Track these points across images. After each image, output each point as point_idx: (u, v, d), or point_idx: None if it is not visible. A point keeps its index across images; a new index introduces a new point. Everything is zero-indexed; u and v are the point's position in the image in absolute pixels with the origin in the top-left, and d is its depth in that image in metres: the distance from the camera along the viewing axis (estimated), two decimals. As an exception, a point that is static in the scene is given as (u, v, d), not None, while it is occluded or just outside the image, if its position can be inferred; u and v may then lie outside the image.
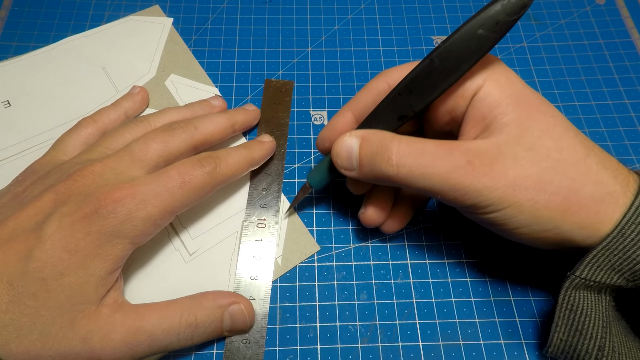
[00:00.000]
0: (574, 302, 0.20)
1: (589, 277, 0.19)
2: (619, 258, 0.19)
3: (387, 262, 0.27)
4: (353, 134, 0.22)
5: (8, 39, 0.34)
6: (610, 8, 0.37)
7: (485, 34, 0.19)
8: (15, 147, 0.29)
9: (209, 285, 0.25)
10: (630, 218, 0.19)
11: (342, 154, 0.22)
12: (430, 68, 0.20)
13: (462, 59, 0.19)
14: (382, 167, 0.20)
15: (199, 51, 0.34)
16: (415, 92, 0.21)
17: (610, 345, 0.20)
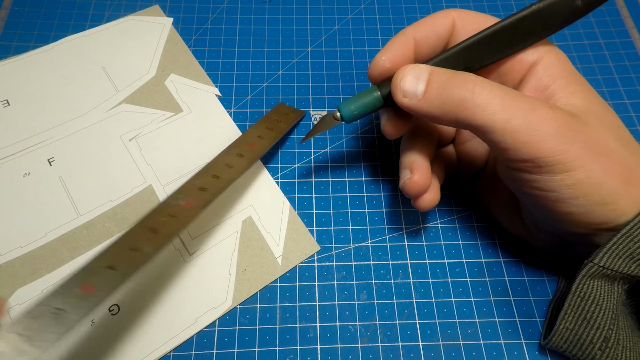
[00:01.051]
0: (588, 290, 0.20)
1: (607, 264, 0.19)
2: None
3: (387, 262, 0.27)
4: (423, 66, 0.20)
5: (8, 39, 0.34)
6: (610, 8, 0.37)
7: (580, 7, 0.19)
8: (14, 147, 0.29)
9: (208, 285, 0.25)
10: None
11: (407, 77, 0.20)
12: (516, 26, 0.20)
13: (549, 25, 0.19)
14: (456, 89, 0.19)
15: (199, 51, 0.34)
16: (492, 46, 0.20)
17: (616, 338, 0.19)
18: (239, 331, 0.24)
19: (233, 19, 0.36)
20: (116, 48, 0.33)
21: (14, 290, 0.25)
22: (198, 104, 0.31)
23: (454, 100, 0.19)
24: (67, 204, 0.27)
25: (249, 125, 0.31)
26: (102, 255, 0.19)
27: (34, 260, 0.25)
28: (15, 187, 0.27)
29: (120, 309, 0.24)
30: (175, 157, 0.29)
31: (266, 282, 0.26)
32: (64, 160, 0.29)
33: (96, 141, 0.29)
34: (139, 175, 0.28)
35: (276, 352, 0.24)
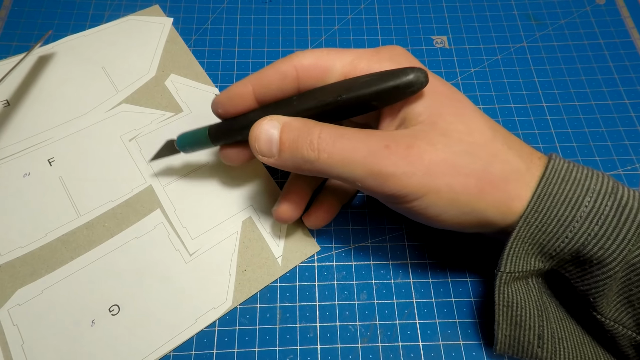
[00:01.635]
0: (509, 297, 0.21)
1: (512, 269, 0.20)
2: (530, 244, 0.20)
3: (387, 262, 0.27)
4: (274, 119, 0.21)
5: (8, 39, 0.34)
6: (610, 8, 0.37)
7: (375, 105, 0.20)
8: (14, 147, 0.29)
9: (209, 285, 0.25)
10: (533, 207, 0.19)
11: (261, 138, 0.21)
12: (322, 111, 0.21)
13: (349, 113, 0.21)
14: (303, 151, 0.20)
15: (199, 51, 0.34)
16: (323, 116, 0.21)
17: (549, 332, 0.21)
18: (239, 331, 0.24)
19: (233, 19, 0.36)
20: (116, 48, 0.33)
21: (14, 290, 0.25)
22: (198, 104, 0.31)
23: (304, 161, 0.20)
24: (67, 204, 0.27)
25: (249, 125, 0.31)
26: None
27: (34, 260, 0.26)
28: (15, 187, 0.27)
29: (120, 309, 0.24)
30: (175, 157, 0.29)
31: (266, 282, 0.26)
32: (64, 160, 0.29)
33: (96, 141, 0.29)
34: (139, 175, 0.28)
35: (276, 352, 0.24)
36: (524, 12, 0.37)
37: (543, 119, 0.32)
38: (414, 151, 0.19)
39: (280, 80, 0.22)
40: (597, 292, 0.19)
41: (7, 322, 0.24)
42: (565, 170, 0.20)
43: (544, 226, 0.19)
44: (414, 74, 0.19)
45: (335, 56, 0.21)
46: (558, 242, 0.19)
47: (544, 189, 0.19)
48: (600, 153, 0.30)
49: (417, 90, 0.19)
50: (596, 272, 0.19)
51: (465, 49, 0.35)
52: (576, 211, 0.19)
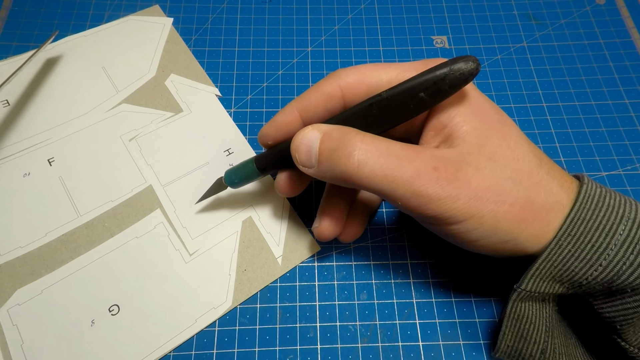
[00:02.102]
0: (521, 312, 0.21)
1: (533, 288, 0.20)
2: (559, 270, 0.19)
3: (387, 262, 0.27)
4: (315, 127, 0.20)
5: (8, 39, 0.34)
6: (610, 8, 0.37)
7: (425, 98, 0.19)
8: (14, 147, 0.29)
9: (209, 285, 0.25)
10: (566, 231, 0.19)
11: (301, 148, 0.20)
12: (367, 112, 0.20)
13: (398, 114, 0.19)
14: (342, 163, 0.19)
15: (199, 51, 0.34)
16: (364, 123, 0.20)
17: (552, 348, 0.21)
18: (239, 331, 0.24)
19: (233, 19, 0.36)
20: (116, 48, 0.33)
21: (14, 290, 0.25)
22: (198, 104, 0.31)
23: (342, 174, 0.19)
24: (67, 204, 0.27)
25: (248, 126, 0.31)
26: None
27: (34, 260, 0.25)
28: (15, 187, 0.27)
29: (120, 309, 0.24)
30: (175, 157, 0.29)
31: (266, 282, 0.26)
32: (64, 160, 0.29)
33: (96, 141, 0.29)
34: (139, 175, 0.28)
35: (276, 352, 0.24)
36: (524, 12, 0.37)
37: (543, 119, 0.32)
38: (461, 176, 0.19)
39: (325, 101, 0.21)
40: (625, 320, 0.19)
41: (7, 322, 0.24)
42: (598, 197, 0.19)
43: (576, 252, 0.19)
44: (464, 62, 0.18)
45: (381, 70, 0.21)
46: (591, 270, 0.19)
47: (577, 214, 0.19)
48: (600, 153, 0.30)
49: (467, 80, 0.18)
50: (627, 300, 0.19)
51: (465, 49, 0.35)
52: (610, 238, 0.18)
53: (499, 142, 0.19)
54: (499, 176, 0.19)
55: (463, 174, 0.19)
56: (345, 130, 0.20)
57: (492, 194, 0.19)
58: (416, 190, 0.18)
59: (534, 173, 0.19)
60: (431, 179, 0.18)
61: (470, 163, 0.19)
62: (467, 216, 0.19)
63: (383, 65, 0.21)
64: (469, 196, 0.19)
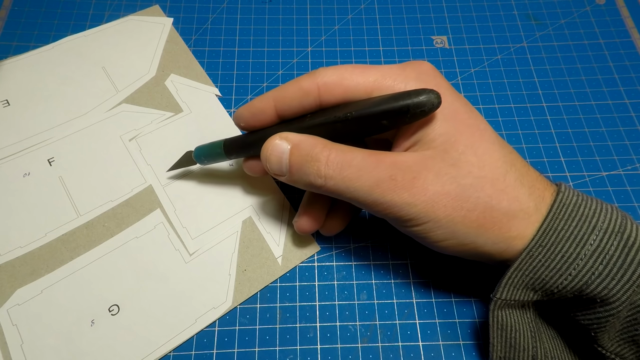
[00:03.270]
0: (503, 321, 0.21)
1: (508, 297, 0.20)
2: (531, 278, 0.20)
3: (387, 262, 0.27)
4: (284, 138, 0.21)
5: (8, 39, 0.34)
6: (610, 8, 0.37)
7: (387, 124, 0.19)
8: (14, 147, 0.29)
9: (209, 285, 0.25)
10: (538, 241, 0.19)
11: (272, 159, 0.21)
12: (332, 127, 0.21)
13: (361, 132, 0.21)
14: (310, 177, 0.20)
15: (199, 51, 0.34)
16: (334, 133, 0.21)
17: (542, 353, 0.21)
18: (239, 331, 0.24)
19: (233, 19, 0.36)
20: (116, 48, 0.33)
21: (14, 290, 0.25)
22: (198, 104, 0.31)
23: (312, 185, 0.21)
24: (67, 204, 0.27)
25: (249, 125, 0.31)
26: None
27: (34, 260, 0.25)
28: (15, 187, 0.27)
29: (120, 309, 0.24)
30: (175, 157, 0.29)
31: (266, 282, 0.26)
32: (64, 160, 0.29)
33: (96, 141, 0.29)
34: (139, 175, 0.28)
35: (276, 352, 0.24)
36: (524, 12, 0.37)
37: (543, 119, 0.32)
38: (418, 183, 0.19)
39: (301, 97, 0.22)
40: (598, 328, 0.19)
41: (7, 322, 0.24)
42: (573, 205, 0.19)
43: (547, 261, 0.19)
44: (426, 95, 0.18)
45: (360, 74, 0.21)
46: (561, 279, 0.19)
47: (550, 224, 0.19)
48: (600, 153, 0.30)
49: (428, 113, 0.19)
50: (599, 310, 0.19)
51: (465, 49, 0.35)
52: (581, 249, 0.19)
53: (464, 149, 0.20)
54: (459, 182, 0.19)
55: (421, 180, 0.19)
56: (312, 142, 0.20)
57: (449, 199, 0.19)
58: (375, 199, 0.20)
59: (499, 180, 0.20)
60: (388, 188, 0.19)
61: (431, 169, 0.19)
62: (424, 219, 0.20)
63: (364, 68, 0.21)
64: (426, 202, 0.19)
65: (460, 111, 0.20)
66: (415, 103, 0.18)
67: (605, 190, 0.29)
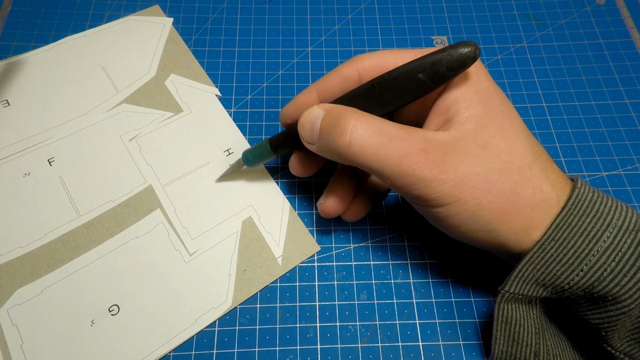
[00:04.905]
0: (508, 314, 0.21)
1: (516, 291, 0.20)
2: (542, 273, 0.19)
3: (387, 262, 0.27)
4: (320, 106, 0.21)
5: (8, 39, 0.34)
6: (610, 8, 0.37)
7: (424, 80, 0.19)
8: (14, 147, 0.29)
9: (209, 285, 0.25)
10: (551, 235, 0.19)
11: (306, 125, 0.21)
12: (369, 93, 0.20)
13: (398, 95, 0.20)
14: (335, 139, 0.20)
15: (199, 51, 0.34)
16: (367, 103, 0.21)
17: (545, 350, 0.21)
18: (239, 331, 0.24)
19: (233, 19, 0.36)
20: (116, 48, 0.33)
21: (14, 290, 0.25)
22: (198, 104, 0.31)
23: (335, 150, 0.20)
24: (67, 204, 0.27)
25: (248, 126, 0.31)
26: None
27: (34, 260, 0.25)
28: (15, 187, 0.27)
29: (120, 309, 0.24)
30: (175, 157, 0.29)
31: (266, 283, 0.26)
32: (64, 160, 0.29)
33: (96, 141, 0.29)
34: (139, 175, 0.28)
35: (276, 352, 0.24)
36: (524, 12, 0.37)
37: (543, 119, 0.32)
38: (449, 160, 0.19)
39: (342, 83, 0.22)
40: (609, 327, 0.19)
41: (7, 322, 0.24)
42: (588, 202, 0.19)
43: (559, 256, 0.19)
44: (463, 48, 0.18)
45: (398, 55, 0.21)
46: (572, 275, 0.19)
47: (564, 219, 0.19)
48: (600, 153, 0.30)
49: (466, 63, 0.18)
50: (610, 308, 0.19)
51: (465, 49, 0.35)
52: (594, 245, 0.19)
53: (495, 133, 0.20)
54: (489, 165, 0.19)
55: (452, 158, 0.19)
56: (344, 108, 0.20)
57: (478, 181, 0.19)
58: (404, 170, 0.19)
59: (525, 168, 0.19)
60: (419, 161, 0.19)
61: (462, 148, 0.19)
62: (451, 200, 0.19)
63: (402, 50, 0.21)
64: (455, 181, 0.19)
65: (494, 96, 0.20)
66: (451, 54, 0.18)
67: (606, 190, 0.29)
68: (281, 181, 0.29)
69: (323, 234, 0.27)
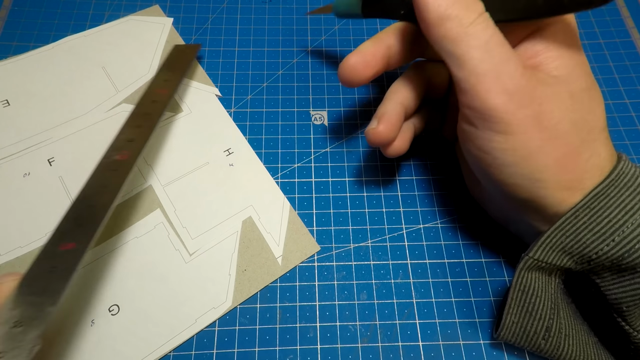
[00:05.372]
0: (526, 283, 0.20)
1: (541, 258, 0.20)
2: (571, 240, 0.19)
3: (387, 262, 0.27)
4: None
5: (8, 39, 0.34)
6: (610, 8, 0.37)
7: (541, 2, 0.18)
8: (14, 147, 0.29)
9: (209, 285, 0.25)
10: (587, 203, 0.19)
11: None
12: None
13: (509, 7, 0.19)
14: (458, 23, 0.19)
15: (199, 51, 0.34)
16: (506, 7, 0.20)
17: (557, 327, 0.20)
18: (239, 331, 0.24)
19: (233, 19, 0.36)
20: (116, 48, 0.33)
21: (14, 290, 0.25)
22: (198, 104, 0.31)
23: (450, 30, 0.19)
24: (67, 204, 0.27)
25: (248, 126, 0.31)
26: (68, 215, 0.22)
27: (34, 260, 0.25)
28: (15, 187, 0.27)
29: (120, 309, 0.24)
30: (175, 157, 0.29)
31: (266, 282, 0.26)
32: (64, 161, 0.29)
33: (96, 141, 0.29)
34: (139, 175, 0.28)
35: (276, 352, 0.24)
36: (524, 12, 0.37)
37: (543, 118, 0.32)
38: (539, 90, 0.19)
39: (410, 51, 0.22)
40: (632, 301, 0.19)
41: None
42: (631, 176, 0.19)
43: (591, 224, 0.19)
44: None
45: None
46: (602, 244, 0.19)
47: (604, 189, 0.19)
48: (600, 153, 0.30)
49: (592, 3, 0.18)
50: (637, 280, 0.18)
51: (465, 49, 0.35)
52: (629, 217, 0.19)
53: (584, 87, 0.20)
54: (569, 115, 0.19)
55: (541, 91, 0.19)
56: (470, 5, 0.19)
57: (553, 123, 0.19)
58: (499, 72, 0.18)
59: (596, 130, 0.20)
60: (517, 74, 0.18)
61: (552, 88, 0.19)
62: (519, 129, 0.18)
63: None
64: (536, 112, 0.18)
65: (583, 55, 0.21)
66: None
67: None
68: (281, 181, 0.29)
69: (323, 234, 0.27)
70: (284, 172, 0.29)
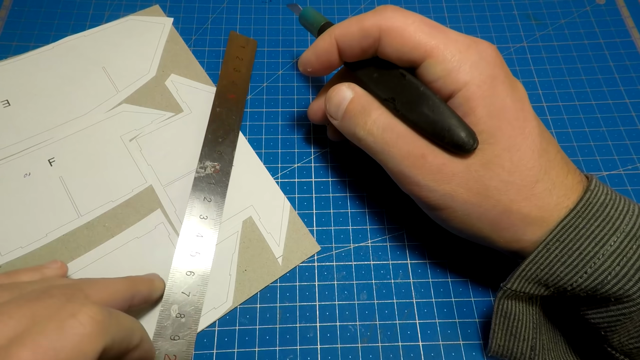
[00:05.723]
0: (507, 309, 0.21)
1: (518, 289, 0.20)
2: (546, 273, 0.19)
3: (387, 262, 0.27)
4: (351, 87, 0.23)
5: (8, 39, 0.34)
6: (610, 8, 0.37)
7: None
8: (15, 147, 0.29)
9: (208, 285, 0.25)
10: (556, 235, 0.19)
11: (333, 101, 0.23)
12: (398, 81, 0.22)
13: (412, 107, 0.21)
14: (357, 127, 0.22)
15: (199, 51, 0.34)
16: None
17: (540, 344, 0.21)
18: (239, 331, 0.24)
19: (233, 19, 0.36)
20: (116, 48, 0.33)
21: (14, 290, 0.25)
22: (198, 104, 0.31)
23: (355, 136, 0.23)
24: (67, 204, 0.27)
25: (249, 126, 0.31)
26: None
27: (35, 260, 0.25)
28: (16, 187, 0.27)
29: (120, 309, 0.24)
30: (175, 157, 0.29)
31: (266, 282, 0.26)
32: (64, 161, 0.29)
33: (96, 141, 0.29)
34: (139, 176, 0.28)
35: (276, 352, 0.24)
36: (524, 12, 0.37)
37: (543, 119, 0.32)
38: (446, 169, 0.20)
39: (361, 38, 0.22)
40: (609, 328, 0.19)
41: None
42: (599, 205, 0.19)
43: (563, 257, 0.19)
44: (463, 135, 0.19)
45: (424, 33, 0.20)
46: (576, 277, 0.19)
47: (572, 221, 0.19)
48: (600, 153, 0.30)
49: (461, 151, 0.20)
50: (612, 308, 0.19)
51: (465, 48, 0.35)
52: (600, 248, 0.18)
53: (500, 152, 0.19)
54: (485, 182, 0.19)
55: (449, 169, 0.20)
56: (370, 100, 0.22)
57: (470, 195, 0.20)
58: (402, 170, 0.21)
59: (526, 188, 0.19)
60: (416, 164, 0.20)
61: (462, 161, 0.20)
62: (441, 207, 0.21)
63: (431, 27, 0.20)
64: (446, 191, 0.20)
65: (509, 109, 0.20)
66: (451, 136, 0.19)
67: (605, 190, 0.29)
68: (281, 181, 0.29)
69: (323, 234, 0.27)
70: (284, 172, 0.29)
